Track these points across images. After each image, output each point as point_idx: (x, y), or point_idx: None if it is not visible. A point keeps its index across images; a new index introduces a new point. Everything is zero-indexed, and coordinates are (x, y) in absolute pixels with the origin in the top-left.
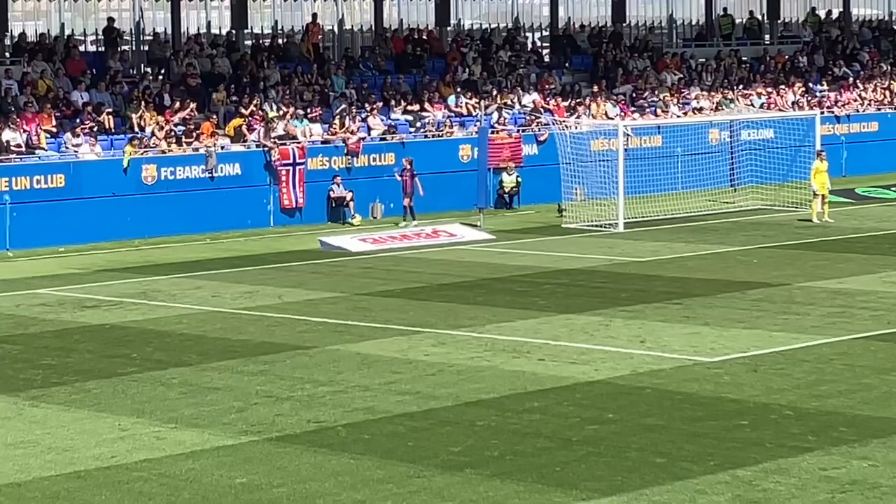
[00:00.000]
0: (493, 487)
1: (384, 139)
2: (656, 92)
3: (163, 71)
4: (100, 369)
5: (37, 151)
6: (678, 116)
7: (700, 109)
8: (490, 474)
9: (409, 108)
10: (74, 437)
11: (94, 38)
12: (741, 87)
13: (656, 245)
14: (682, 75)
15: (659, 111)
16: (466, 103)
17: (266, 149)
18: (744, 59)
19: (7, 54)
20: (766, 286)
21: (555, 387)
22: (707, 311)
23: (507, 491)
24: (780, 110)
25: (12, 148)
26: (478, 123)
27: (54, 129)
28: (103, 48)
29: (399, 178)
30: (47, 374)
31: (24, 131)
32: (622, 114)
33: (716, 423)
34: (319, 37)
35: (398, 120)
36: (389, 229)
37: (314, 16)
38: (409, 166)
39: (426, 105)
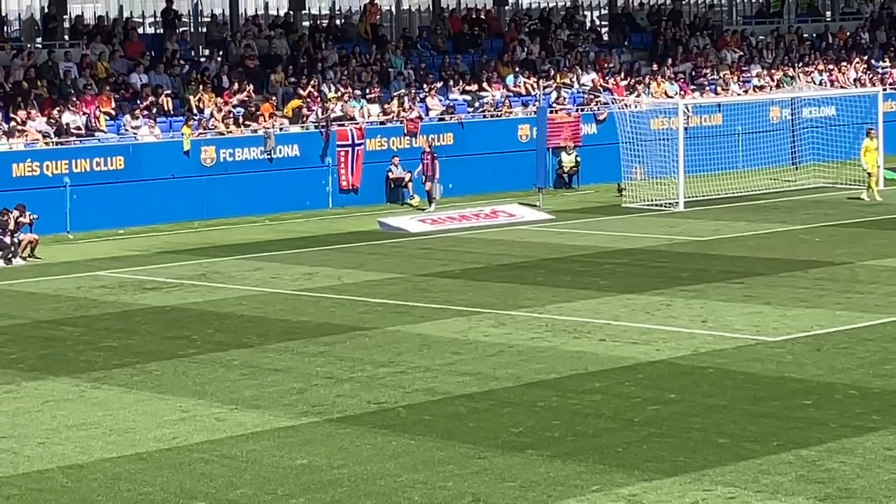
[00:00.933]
0: (554, 468)
1: (442, 119)
2: (716, 70)
3: (221, 52)
4: (161, 351)
5: (96, 134)
6: (738, 94)
7: (760, 87)
8: (551, 455)
9: (467, 88)
10: (136, 419)
11: (152, 20)
12: (802, 64)
13: (717, 224)
14: (742, 53)
15: (719, 89)
16: (525, 83)
17: (323, 129)
18: (805, 35)
19: (66, 37)
20: (828, 265)
21: (616, 367)
22: (769, 290)
23: (569, 472)
24: (842, 87)
25: (72, 130)
26: (536, 103)
27: (113, 112)
28: (161, 30)
29: (421, 166)
30: (108, 355)
31: (84, 114)
32: (682, 92)
33: (779, 402)
34: (377, 17)
35: (456, 100)
36: (448, 210)
37: None
38: (429, 149)
39: (484, 85)
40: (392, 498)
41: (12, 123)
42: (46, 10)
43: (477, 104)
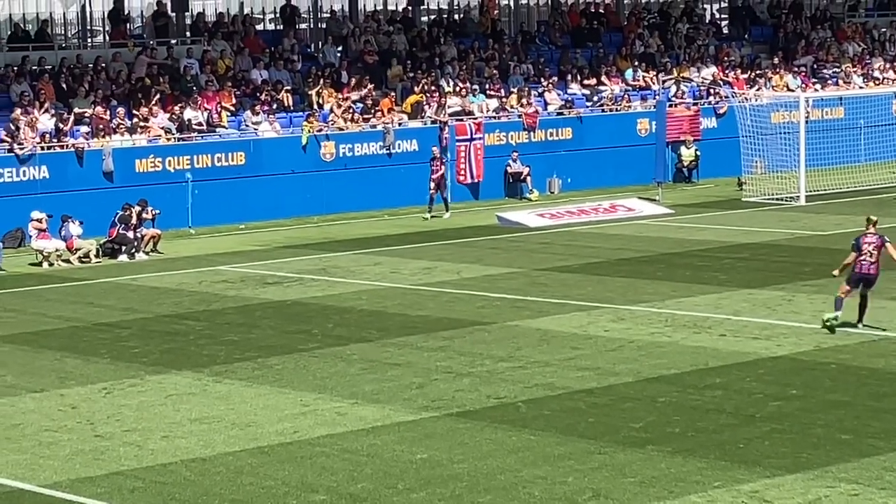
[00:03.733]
0: (675, 464)
1: (561, 114)
2: (838, 63)
3: (340, 48)
4: (281, 345)
5: (217, 129)
6: (860, 87)
7: (883, 80)
8: (672, 451)
9: (585, 82)
10: (257, 413)
11: (272, 16)
12: None
13: (839, 218)
14: (864, 46)
15: (840, 82)
16: (644, 77)
17: (440, 125)
18: None
19: (187, 34)
20: None
21: (737, 362)
22: (893, 285)
23: (690, 468)
24: None
25: (193, 126)
26: (655, 97)
27: (234, 108)
28: (281, 26)
29: (434, 170)
30: (230, 350)
31: (205, 110)
32: (803, 85)
33: None
34: (495, 12)
35: (575, 94)
36: (567, 204)
37: None
38: (439, 155)
39: (603, 79)
40: (512, 493)
41: (135, 120)
42: (157, 9)
43: (595, 98)
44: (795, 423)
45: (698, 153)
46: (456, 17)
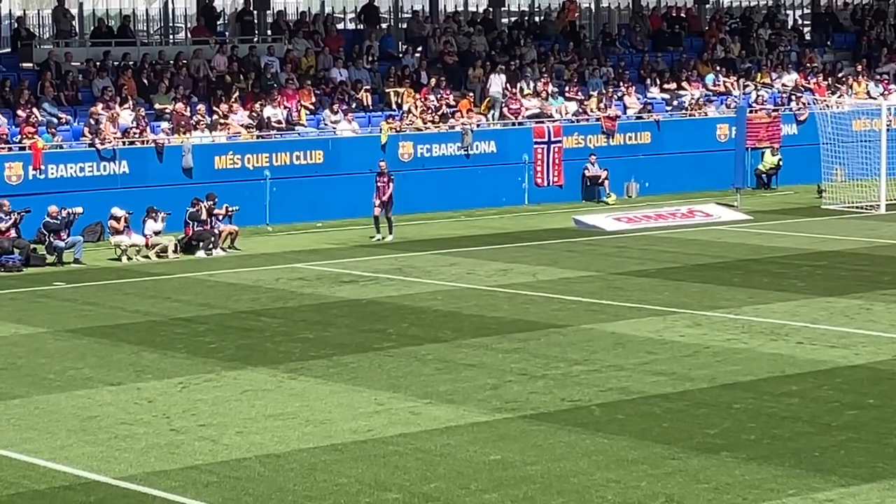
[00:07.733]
0: (749, 471)
1: (640, 118)
2: None
3: (420, 48)
4: (357, 343)
5: (296, 128)
6: None
7: None
8: (746, 458)
9: (665, 86)
10: (332, 410)
11: (353, 15)
12: None
13: None
14: None
15: None
16: (724, 82)
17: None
18: None
19: (268, 32)
20: None
21: (813, 371)
22: None
23: (764, 475)
24: None
25: (273, 124)
26: (734, 102)
27: (313, 106)
28: (362, 26)
29: (379, 187)
30: (305, 347)
31: (285, 108)
32: (885, 93)
33: None
34: (576, 14)
35: (654, 98)
36: (644, 208)
37: None
38: (385, 170)
39: (683, 83)
40: (585, 496)
41: (215, 117)
42: (244, 6)
43: (675, 103)
44: (872, 432)
45: (781, 161)
46: (536, 19)
